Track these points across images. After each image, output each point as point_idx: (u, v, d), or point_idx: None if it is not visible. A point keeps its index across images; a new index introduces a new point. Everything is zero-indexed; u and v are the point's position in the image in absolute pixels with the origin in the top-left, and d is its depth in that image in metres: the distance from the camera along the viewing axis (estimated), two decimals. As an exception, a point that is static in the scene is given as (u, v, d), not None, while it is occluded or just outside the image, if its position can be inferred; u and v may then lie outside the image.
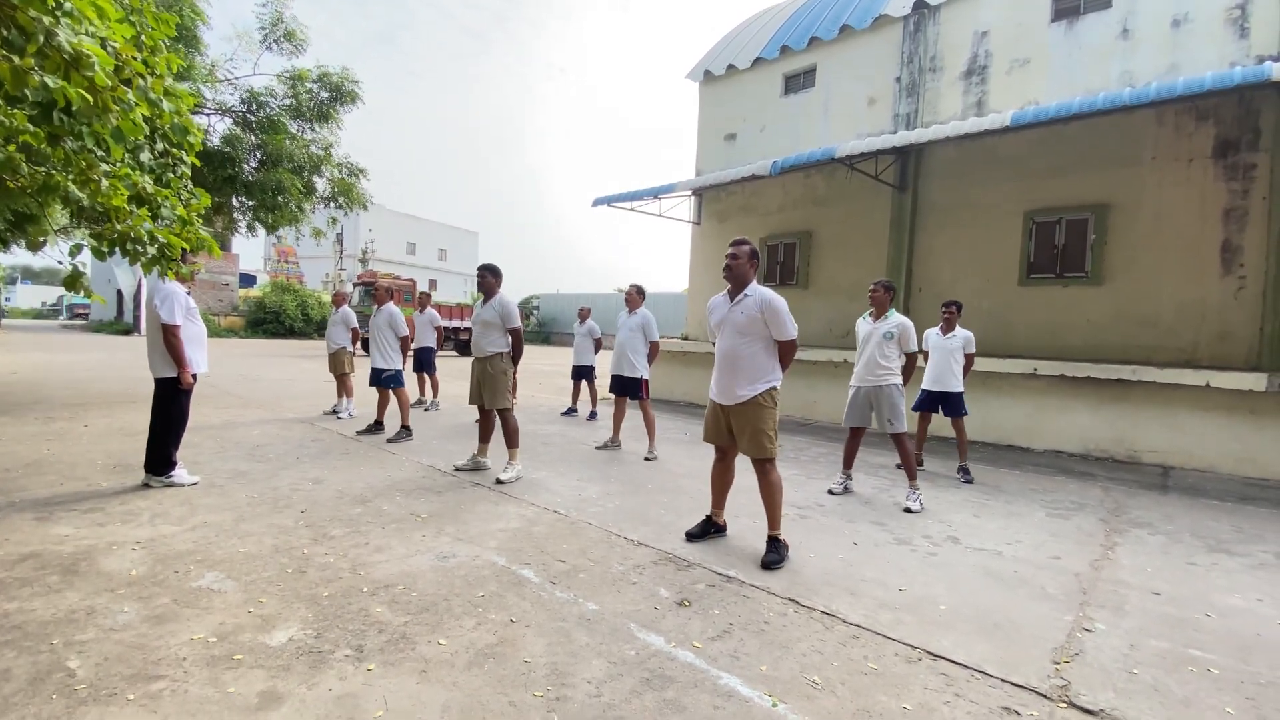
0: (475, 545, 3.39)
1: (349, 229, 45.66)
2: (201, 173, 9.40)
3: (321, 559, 3.13)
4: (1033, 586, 3.12)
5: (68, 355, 16.17)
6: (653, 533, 3.70)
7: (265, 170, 9.76)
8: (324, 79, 10.41)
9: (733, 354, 3.40)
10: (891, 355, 4.67)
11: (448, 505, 4.14)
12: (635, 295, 6.17)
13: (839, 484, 4.90)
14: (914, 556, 3.50)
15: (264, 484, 4.52)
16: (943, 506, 4.62)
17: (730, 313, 3.45)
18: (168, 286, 4.34)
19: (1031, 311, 8.59)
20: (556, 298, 46.86)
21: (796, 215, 11.39)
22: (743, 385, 3.36)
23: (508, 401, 4.91)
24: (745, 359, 3.37)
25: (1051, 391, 7.44)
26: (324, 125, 10.63)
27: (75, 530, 3.42)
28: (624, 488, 4.77)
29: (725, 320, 3.47)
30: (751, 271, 3.49)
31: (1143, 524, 4.38)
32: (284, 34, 9.79)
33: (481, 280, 4.98)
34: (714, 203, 12.88)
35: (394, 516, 3.85)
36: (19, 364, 13.46)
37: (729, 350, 3.42)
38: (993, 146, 8.88)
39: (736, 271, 3.47)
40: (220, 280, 38.19)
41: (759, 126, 12.24)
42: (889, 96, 10.43)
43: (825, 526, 4.00)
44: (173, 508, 3.89)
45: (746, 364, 3.37)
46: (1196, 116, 7.57)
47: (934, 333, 5.95)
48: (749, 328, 3.38)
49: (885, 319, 4.74)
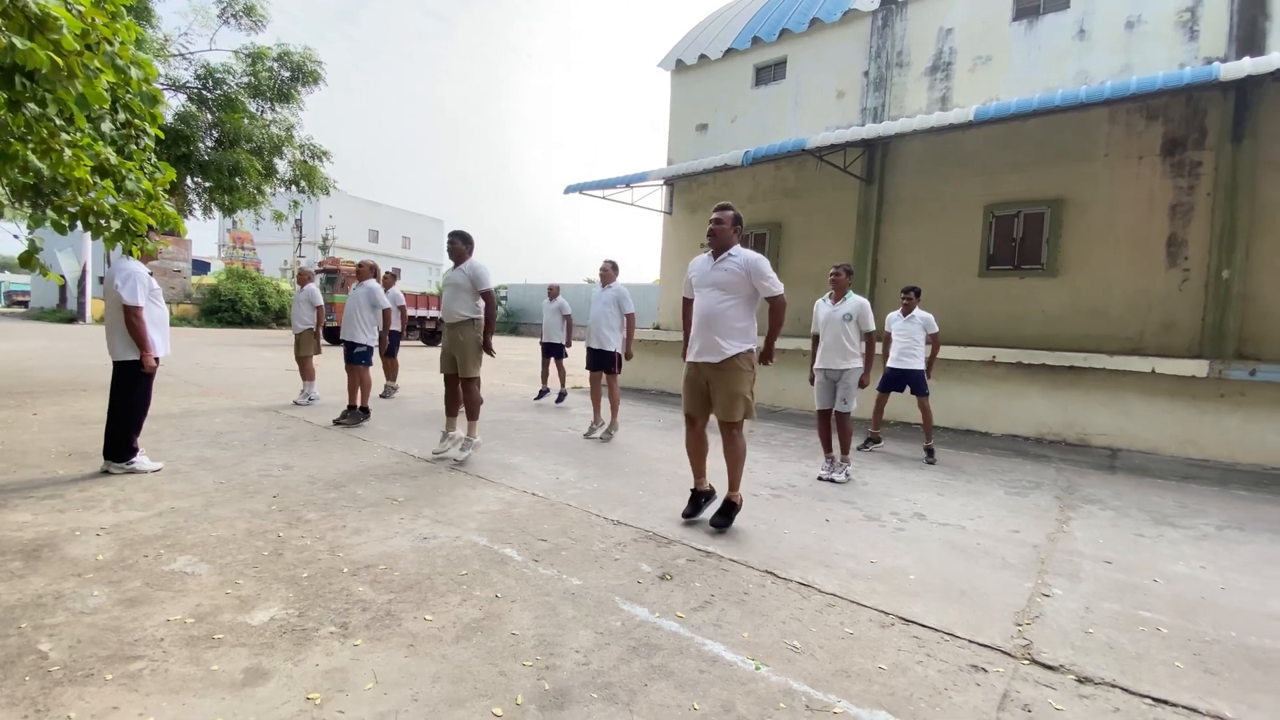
0: (455, 527, 3.38)
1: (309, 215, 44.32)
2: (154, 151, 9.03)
3: (298, 542, 3.09)
4: (994, 557, 3.28)
5: (7, 343, 15.36)
6: (632, 513, 3.75)
7: (222, 150, 9.41)
8: (285, 58, 10.09)
9: (712, 311, 3.47)
10: (854, 338, 4.82)
11: (424, 489, 4.11)
12: (610, 270, 6.23)
13: (825, 470, 4.97)
14: (883, 532, 3.63)
15: (231, 470, 4.42)
16: (908, 486, 4.79)
17: (713, 271, 3.52)
18: (130, 266, 4.17)
19: (991, 302, 8.91)
20: (526, 288, 46.28)
21: (766, 206, 11.53)
22: (725, 336, 3.44)
23: (477, 369, 4.91)
24: (725, 314, 3.45)
25: (1009, 378, 7.74)
26: (285, 105, 10.30)
27: (34, 517, 3.29)
28: (601, 471, 4.81)
29: (706, 278, 3.55)
30: (735, 236, 3.56)
31: (1094, 500, 4.63)
32: (243, 8, 9.43)
33: (451, 245, 4.94)
34: (685, 193, 12.93)
35: (369, 500, 3.81)
36: (-46, 352, 12.72)
37: (708, 307, 3.49)
38: (956, 141, 9.14)
39: (721, 237, 3.54)
40: (172, 266, 36.59)
41: (730, 117, 12.32)
42: (857, 90, 10.62)
43: (798, 505, 4.11)
44: (136, 494, 3.78)
45: (726, 318, 3.45)
46: (1147, 115, 7.93)
47: (895, 316, 6.15)
48: (731, 284, 3.46)
49: (844, 301, 4.87)
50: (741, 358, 3.45)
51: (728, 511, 3.49)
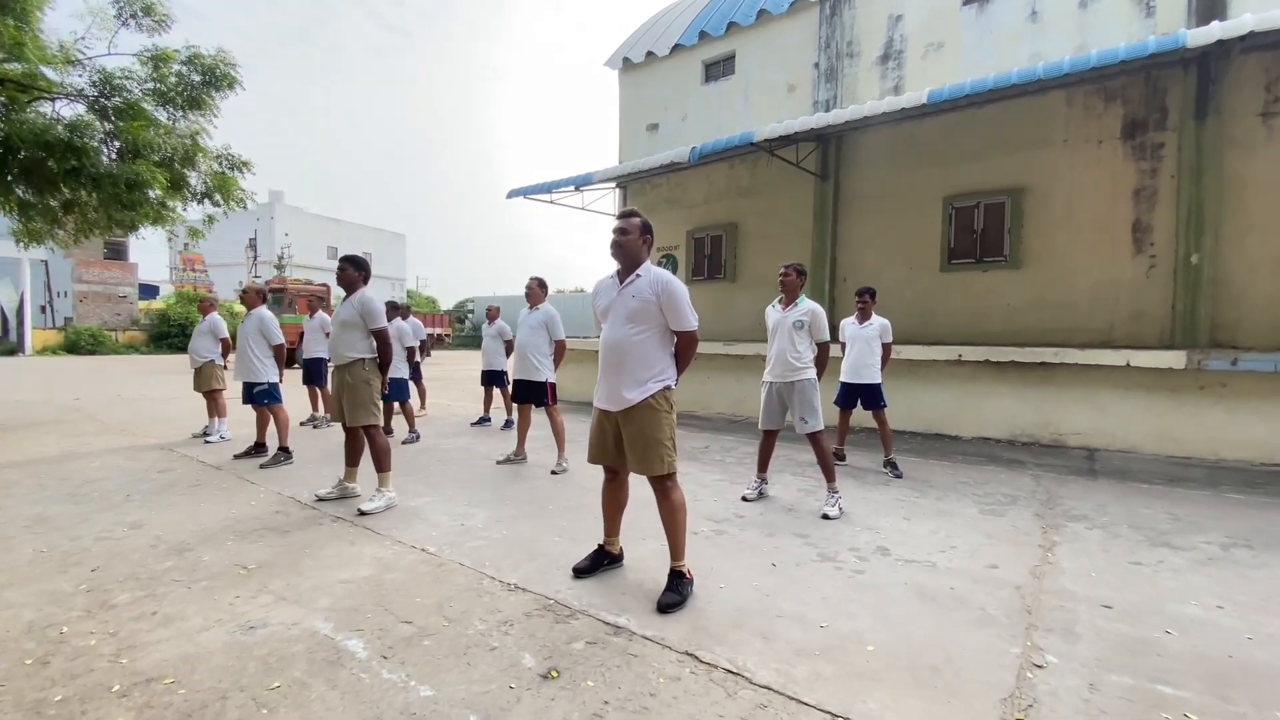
0: (301, 606, 2.67)
1: (264, 233, 42.89)
2: (43, 164, 8.13)
3: (81, 641, 2.36)
4: (971, 608, 2.69)
5: (-92, 382, 14.06)
6: (537, 570, 3.08)
7: (122, 162, 8.51)
8: (194, 60, 9.21)
9: (619, 346, 2.80)
10: (803, 346, 4.22)
11: (290, 549, 3.38)
12: (536, 289, 5.52)
13: (753, 489, 4.43)
14: (839, 577, 3.02)
15: (64, 533, 3.63)
16: (871, 509, 4.20)
17: (619, 296, 2.84)
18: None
19: (954, 297, 8.47)
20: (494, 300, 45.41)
21: (722, 207, 11.01)
22: (630, 385, 2.77)
23: (373, 417, 4.18)
24: (634, 352, 2.78)
25: (977, 377, 7.27)
26: (196, 112, 9.42)
27: None
28: (519, 511, 4.13)
29: (613, 306, 2.87)
30: (645, 249, 2.89)
31: (1078, 516, 4.09)
32: (141, 6, 8.58)
33: (341, 273, 4.23)
34: (639, 195, 12.35)
35: (212, 570, 3.07)
36: None
37: (615, 341, 2.81)
38: (911, 132, 8.72)
39: (627, 248, 2.85)
40: (117, 292, 34.92)
41: (680, 115, 11.81)
42: (808, 83, 10.18)
43: (742, 544, 3.48)
44: (-90, 578, 2.99)
45: (635, 358, 2.78)
46: (1105, 97, 7.58)
47: (850, 322, 5.59)
48: (640, 314, 2.78)
49: (795, 306, 4.29)
50: (657, 398, 2.79)
51: (677, 587, 2.73)
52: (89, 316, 32.48)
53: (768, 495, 4.48)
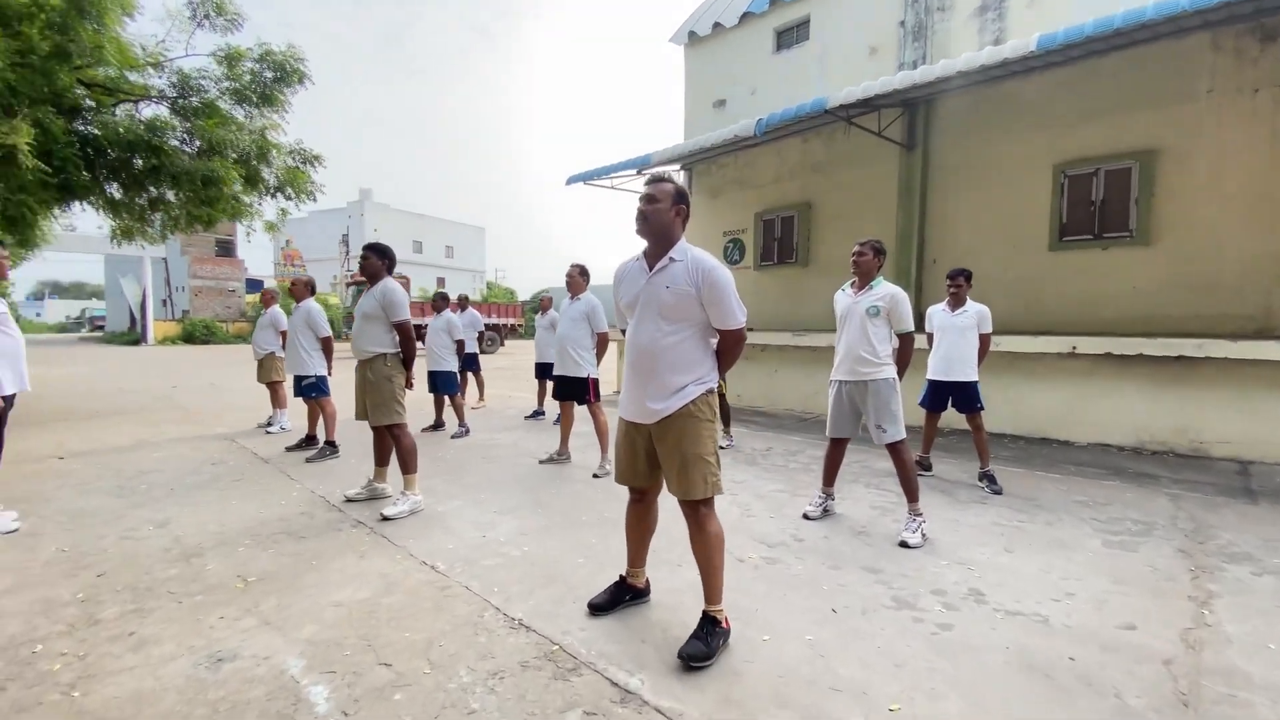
0: (282, 634, 2.38)
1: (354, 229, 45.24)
2: (128, 163, 8.55)
3: (46, 665, 2.16)
4: (1102, 692, 2.02)
5: (46, 368, 15.62)
6: (550, 600, 2.66)
7: (201, 159, 8.84)
8: (266, 57, 9.45)
9: (650, 350, 2.27)
10: (880, 338, 3.55)
11: (298, 560, 3.14)
12: (578, 278, 5.10)
13: (817, 505, 3.82)
14: (918, 633, 2.41)
15: (92, 530, 3.58)
16: (962, 536, 3.50)
17: (648, 285, 2.30)
18: (-53, 287, 3.39)
19: (1065, 280, 7.33)
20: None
21: (794, 186, 10.20)
22: (661, 395, 2.25)
23: (396, 415, 3.89)
24: (667, 356, 2.24)
25: (1095, 373, 6.22)
26: (269, 108, 9.68)
27: None
28: (548, 522, 3.74)
29: (640, 297, 2.32)
30: (679, 224, 2.32)
31: (1239, 556, 3.22)
32: (214, 6, 8.83)
33: (365, 262, 3.97)
34: (705, 176, 11.73)
35: (210, 582, 2.86)
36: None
37: (645, 344, 2.28)
38: (1014, 91, 7.60)
39: (655, 222, 2.27)
40: (226, 286, 37.92)
41: (750, 89, 11.04)
42: (892, 44, 9.17)
43: (797, 578, 2.91)
44: (-66, 575, 2.97)
45: (669, 364, 2.25)
46: (1262, 37, 6.25)
47: (940, 310, 4.81)
48: (676, 309, 2.23)
49: (870, 290, 3.61)
50: (697, 404, 2.26)
51: (707, 635, 2.21)
52: (203, 309, 35.39)
53: (834, 513, 3.87)
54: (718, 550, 2.29)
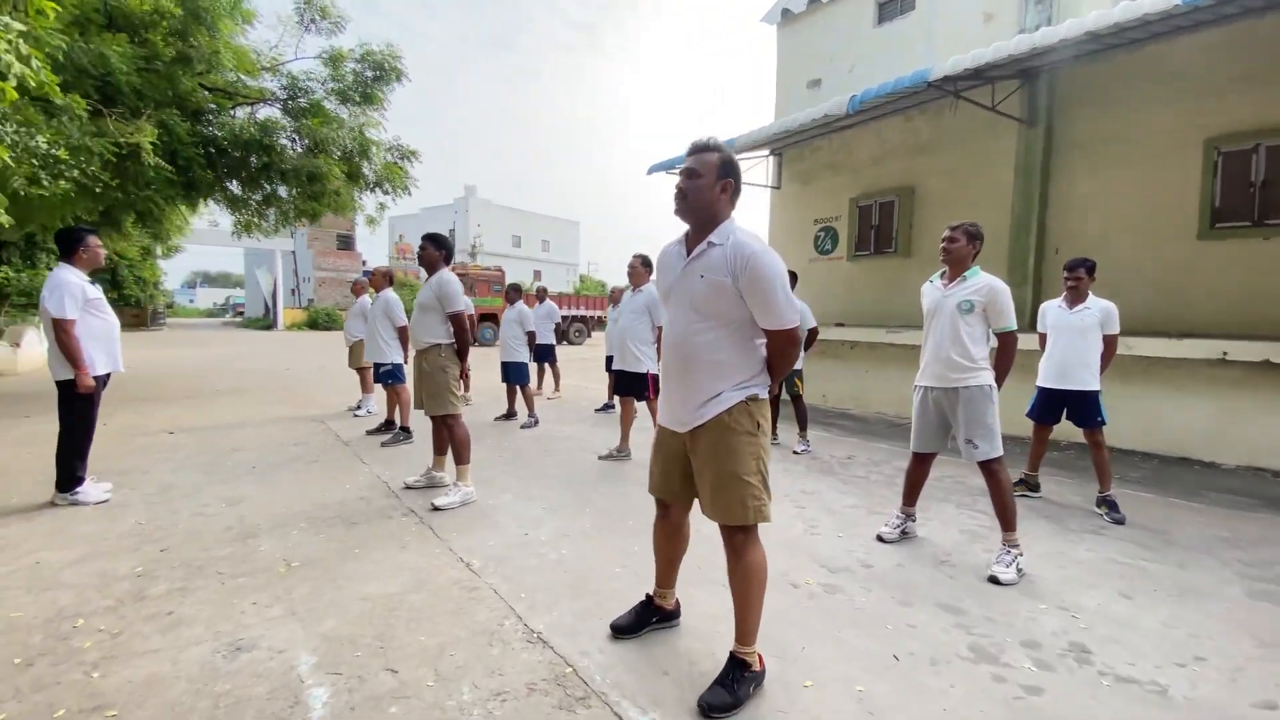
0: (303, 626, 2.34)
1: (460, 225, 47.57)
2: (245, 162, 9.27)
3: (79, 642, 2.22)
4: (1254, 808, 1.53)
5: (186, 349, 17.55)
6: (575, 614, 2.46)
7: (307, 157, 9.45)
8: (367, 57, 9.95)
9: (680, 348, 1.98)
10: (974, 338, 3.04)
11: (343, 547, 3.15)
12: (640, 268, 4.87)
13: (893, 526, 3.36)
14: (997, 694, 1.98)
15: (169, 505, 3.80)
16: (1068, 574, 2.95)
17: (684, 274, 2.01)
18: (57, 275, 3.69)
19: (1218, 274, 6.20)
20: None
21: (894, 168, 9.39)
22: (695, 402, 1.96)
23: (450, 406, 3.85)
24: (701, 356, 1.94)
25: (1250, 383, 5.20)
26: (370, 106, 10.19)
27: (-117, 570, 2.80)
28: (594, 524, 3.55)
29: (675, 287, 2.04)
30: (725, 201, 1.97)
31: None
32: (318, 11, 9.39)
33: (422, 252, 3.95)
34: (796, 162, 11.10)
35: (257, 564, 2.92)
36: (140, 360, 14.58)
37: (676, 341, 2.00)
38: (1157, 56, 6.50)
39: (695, 200, 1.95)
40: (345, 277, 41.14)
41: (847, 66, 10.30)
42: (1011, 8, 8.19)
43: (858, 612, 2.53)
44: (35, 535, 3.23)
45: (703, 366, 1.94)
46: None
47: (1055, 306, 4.14)
48: (710, 300, 1.92)
49: (962, 281, 3.10)
50: (736, 414, 1.94)
51: (733, 682, 1.91)
52: (326, 298, 38.57)
53: (914, 536, 3.40)
54: (757, 584, 1.97)
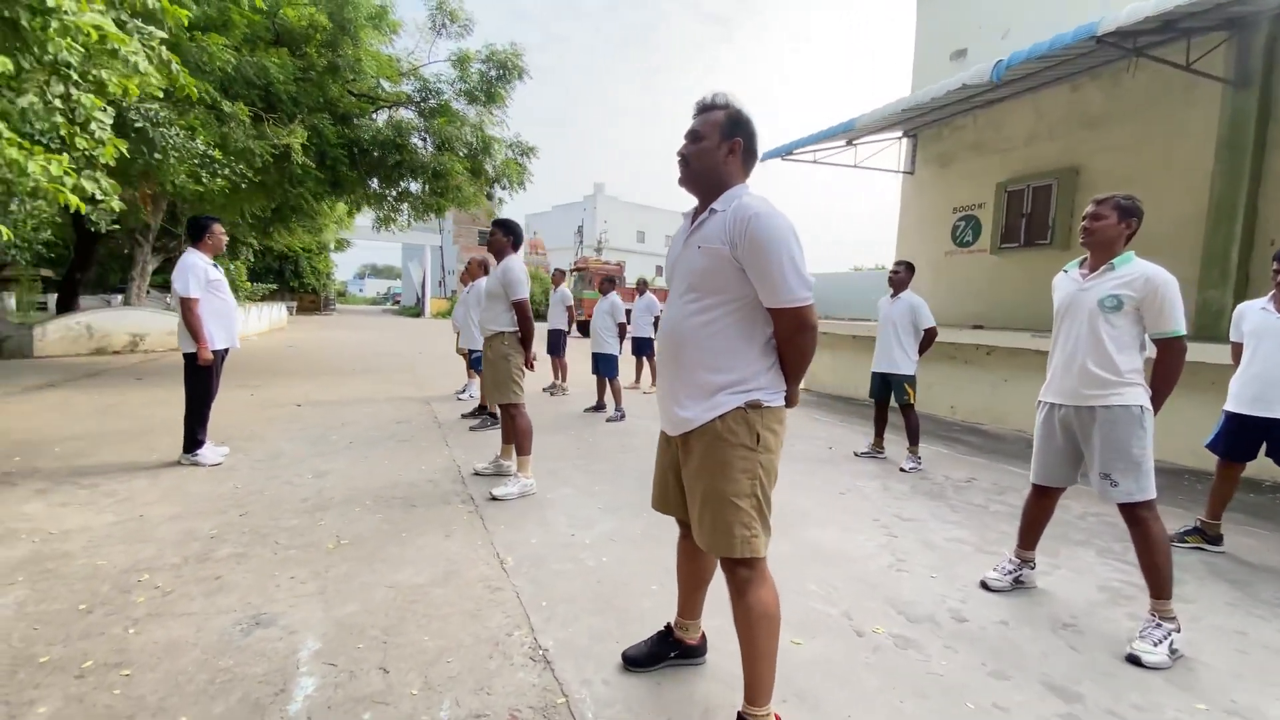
0: (324, 608, 2.32)
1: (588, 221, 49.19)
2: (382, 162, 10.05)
3: (136, 596, 2.37)
4: None
5: (344, 332, 19.64)
6: (592, 632, 2.22)
7: (435, 154, 10.05)
8: (492, 57, 10.38)
9: (674, 332, 1.68)
10: (1122, 343, 2.35)
11: (394, 529, 3.16)
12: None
13: (1005, 572, 2.73)
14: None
15: (268, 472, 4.09)
16: (1250, 664, 2.20)
17: (685, 248, 1.71)
18: (185, 258, 4.10)
19: None
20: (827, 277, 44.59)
21: (1054, 147, 8.09)
22: (687, 396, 1.64)
23: (512, 395, 3.76)
24: (694, 342, 1.63)
25: None
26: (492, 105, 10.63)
27: (36, 508, 3.23)
28: (646, 529, 3.27)
29: (676, 264, 1.74)
30: (733, 165, 1.66)
31: None
32: (448, 15, 9.91)
33: (491, 238, 3.89)
34: (934, 143, 9.99)
35: (312, 538, 3.00)
36: (305, 340, 16.57)
37: (670, 325, 1.70)
38: None
39: (695, 167, 1.67)
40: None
41: (1000, 32, 9.03)
42: (1225, -59, 6.63)
43: (933, 678, 2.04)
44: (146, 492, 3.61)
45: (696, 353, 1.63)
46: None
47: (1259, 309, 3.19)
48: (707, 276, 1.60)
49: (1108, 270, 2.42)
50: (732, 421, 1.60)
51: None
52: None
53: (1031, 586, 2.76)
54: (765, 631, 1.60)
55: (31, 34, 2.64)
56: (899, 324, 4.95)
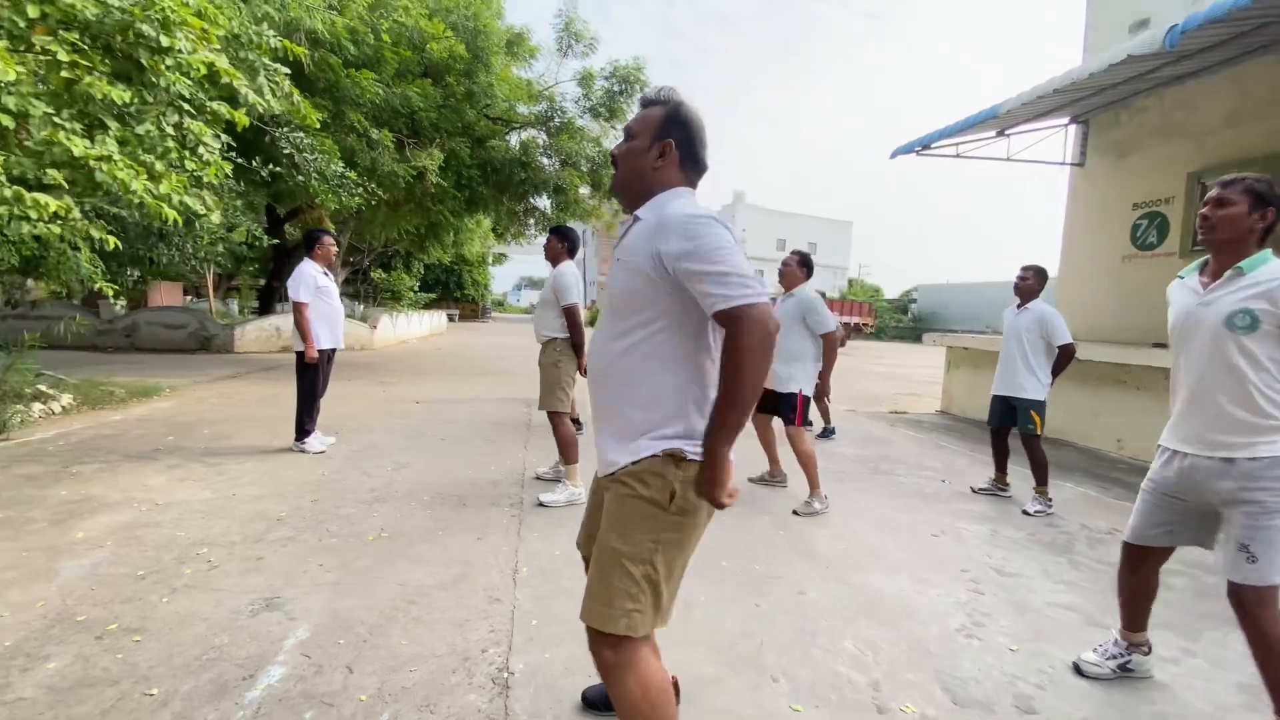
0: (334, 599, 2.39)
1: (726, 230, 48.93)
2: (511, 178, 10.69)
3: (187, 567, 2.62)
4: None
5: (490, 337, 21.20)
6: (566, 662, 2.03)
7: (558, 170, 10.50)
8: (616, 73, 10.65)
9: (596, 361, 1.44)
10: (1271, 372, 1.71)
11: (435, 526, 3.23)
12: (795, 269, 4.18)
13: (1104, 656, 2.10)
14: None
15: (356, 463, 4.42)
16: None
17: (616, 254, 1.45)
18: (300, 267, 4.58)
19: None
20: (941, 289, 41.04)
21: (1263, 128, 6.52)
22: (613, 432, 1.39)
23: (557, 403, 3.69)
24: (617, 373, 1.38)
25: None
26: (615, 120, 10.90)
27: (158, 481, 3.76)
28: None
29: (609, 282, 1.47)
30: (667, 167, 1.40)
31: None
32: (574, 36, 10.31)
33: (547, 245, 3.89)
34: (1109, 129, 8.52)
35: (358, 529, 3.14)
36: (454, 343, 18.15)
37: (595, 350, 1.45)
38: None
39: (622, 171, 1.45)
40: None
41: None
42: None
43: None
44: (255, 472, 4.05)
45: (618, 385, 1.38)
46: None
47: None
48: (629, 297, 1.35)
49: (1237, 277, 1.77)
50: (645, 475, 1.31)
51: None
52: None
53: (1144, 675, 2.11)
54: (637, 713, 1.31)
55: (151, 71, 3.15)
56: (1026, 339, 4.19)
